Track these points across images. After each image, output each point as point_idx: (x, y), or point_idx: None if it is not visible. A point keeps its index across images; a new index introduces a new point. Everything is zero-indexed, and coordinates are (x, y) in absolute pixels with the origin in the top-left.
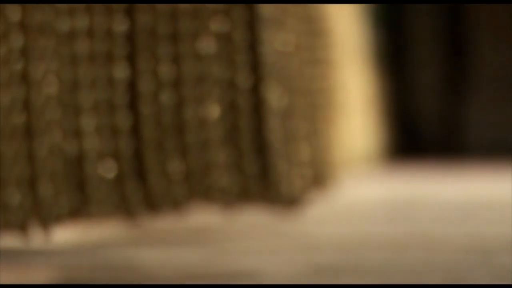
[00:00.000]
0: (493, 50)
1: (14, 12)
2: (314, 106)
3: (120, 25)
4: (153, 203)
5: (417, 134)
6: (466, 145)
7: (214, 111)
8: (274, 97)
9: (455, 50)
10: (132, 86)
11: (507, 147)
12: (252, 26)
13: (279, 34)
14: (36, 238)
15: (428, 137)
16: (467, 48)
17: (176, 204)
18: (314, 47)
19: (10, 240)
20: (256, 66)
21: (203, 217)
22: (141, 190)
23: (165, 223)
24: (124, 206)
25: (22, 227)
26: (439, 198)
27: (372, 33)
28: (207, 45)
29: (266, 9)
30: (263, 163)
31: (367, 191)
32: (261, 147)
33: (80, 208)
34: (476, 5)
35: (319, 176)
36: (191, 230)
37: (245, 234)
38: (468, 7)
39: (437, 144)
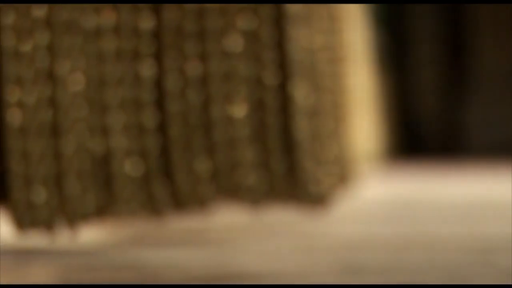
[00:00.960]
0: (493, 50)
1: (39, 9)
2: (338, 104)
3: (147, 23)
4: (179, 202)
5: (417, 134)
6: (466, 145)
7: (241, 109)
8: (302, 95)
9: (455, 50)
10: (158, 84)
11: (507, 147)
12: (279, 24)
13: (306, 31)
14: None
15: (428, 137)
16: (467, 49)
17: (203, 202)
18: (336, 46)
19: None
20: (283, 64)
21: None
22: (168, 189)
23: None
24: (151, 204)
25: (48, 225)
26: (439, 198)
27: (373, 33)
28: (234, 43)
29: (293, 7)
30: (290, 161)
31: (367, 191)
32: (289, 145)
33: (106, 206)
34: (476, 5)
35: (344, 174)
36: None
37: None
38: (468, 7)
39: (437, 144)
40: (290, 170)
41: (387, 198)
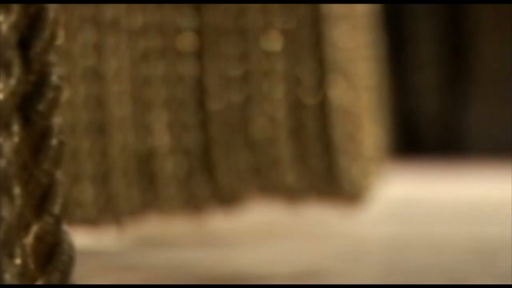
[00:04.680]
0: (493, 50)
1: (86, 8)
2: (372, 102)
3: (189, 22)
4: (220, 199)
5: (417, 134)
6: (466, 145)
7: (280, 107)
8: (339, 93)
9: (455, 51)
10: (200, 83)
11: (507, 147)
12: (317, 23)
13: (343, 31)
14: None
15: (428, 137)
16: (467, 49)
17: (242, 199)
18: (369, 44)
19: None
20: (321, 63)
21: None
22: (209, 186)
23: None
24: (193, 201)
25: (95, 222)
26: (439, 198)
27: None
28: (274, 42)
29: (331, 7)
30: (327, 159)
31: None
32: (326, 143)
33: (150, 203)
34: (476, 5)
35: (378, 172)
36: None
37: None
38: (469, 7)
39: (437, 144)
40: (327, 168)
41: (387, 198)
